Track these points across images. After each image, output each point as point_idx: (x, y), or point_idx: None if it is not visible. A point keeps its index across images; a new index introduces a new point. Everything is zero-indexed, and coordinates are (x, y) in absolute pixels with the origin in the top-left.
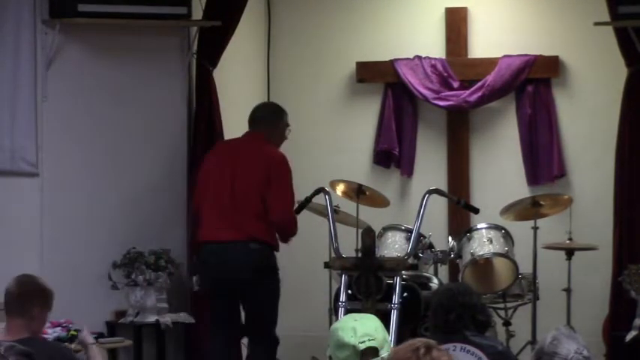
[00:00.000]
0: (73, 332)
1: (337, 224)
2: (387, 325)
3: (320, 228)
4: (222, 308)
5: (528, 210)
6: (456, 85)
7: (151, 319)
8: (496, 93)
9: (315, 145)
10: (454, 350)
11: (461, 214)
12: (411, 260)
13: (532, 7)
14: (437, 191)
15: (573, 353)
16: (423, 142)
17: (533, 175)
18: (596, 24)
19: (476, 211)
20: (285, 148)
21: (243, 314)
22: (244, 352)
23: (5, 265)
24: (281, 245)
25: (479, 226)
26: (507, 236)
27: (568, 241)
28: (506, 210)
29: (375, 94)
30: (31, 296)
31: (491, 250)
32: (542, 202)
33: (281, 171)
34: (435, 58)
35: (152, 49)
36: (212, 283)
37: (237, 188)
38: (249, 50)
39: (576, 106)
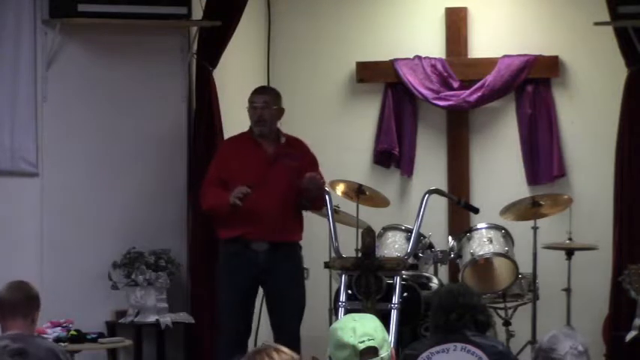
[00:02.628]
0: (73, 332)
1: (337, 224)
2: (387, 325)
3: (320, 228)
4: None
5: (528, 210)
6: (456, 85)
7: (151, 319)
8: (496, 93)
9: (315, 145)
10: (454, 350)
11: (461, 214)
12: (411, 260)
13: (532, 7)
14: (437, 191)
15: (568, 348)
16: (423, 142)
17: (533, 175)
18: (596, 24)
19: (476, 211)
20: None
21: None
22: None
23: (5, 264)
24: None
25: (479, 226)
26: (507, 236)
27: (568, 241)
28: (506, 210)
29: (375, 94)
30: (33, 299)
31: (491, 250)
32: (542, 202)
33: None
34: (435, 58)
35: (152, 49)
36: None
37: None
38: (249, 50)
39: (576, 106)
